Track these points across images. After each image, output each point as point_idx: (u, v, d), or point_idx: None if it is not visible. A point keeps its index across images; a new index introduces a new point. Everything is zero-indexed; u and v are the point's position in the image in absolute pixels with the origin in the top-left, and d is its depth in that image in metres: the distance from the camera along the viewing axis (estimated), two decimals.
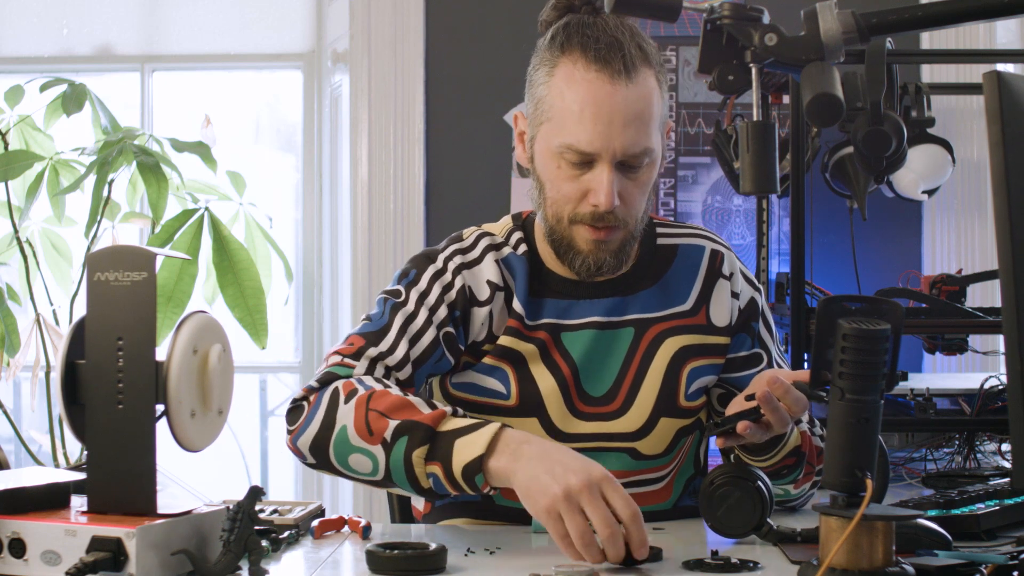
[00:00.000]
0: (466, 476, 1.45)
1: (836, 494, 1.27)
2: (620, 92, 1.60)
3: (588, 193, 1.64)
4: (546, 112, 1.65)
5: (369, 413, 1.52)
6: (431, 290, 1.71)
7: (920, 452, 2.28)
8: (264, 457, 4.30)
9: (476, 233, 1.78)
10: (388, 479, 1.51)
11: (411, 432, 1.48)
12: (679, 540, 1.58)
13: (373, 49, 3.63)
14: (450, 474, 1.46)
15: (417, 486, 1.50)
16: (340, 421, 1.53)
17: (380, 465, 1.51)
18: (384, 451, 1.50)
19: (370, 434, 1.50)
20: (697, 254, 1.79)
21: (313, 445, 1.56)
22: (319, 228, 3.94)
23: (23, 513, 1.29)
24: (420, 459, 1.47)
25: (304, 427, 1.57)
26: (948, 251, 3.52)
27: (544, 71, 1.67)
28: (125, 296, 1.31)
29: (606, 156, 1.61)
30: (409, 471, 1.48)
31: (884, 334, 1.25)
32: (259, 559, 1.32)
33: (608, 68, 1.60)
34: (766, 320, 1.82)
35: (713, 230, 1.89)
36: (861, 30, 1.45)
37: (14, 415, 3.68)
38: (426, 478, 1.48)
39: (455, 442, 1.46)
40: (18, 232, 3.30)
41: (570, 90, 1.62)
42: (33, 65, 3.93)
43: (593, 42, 1.62)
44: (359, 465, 1.53)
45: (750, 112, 1.48)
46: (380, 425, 1.50)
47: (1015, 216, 1.27)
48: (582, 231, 1.67)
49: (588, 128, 1.61)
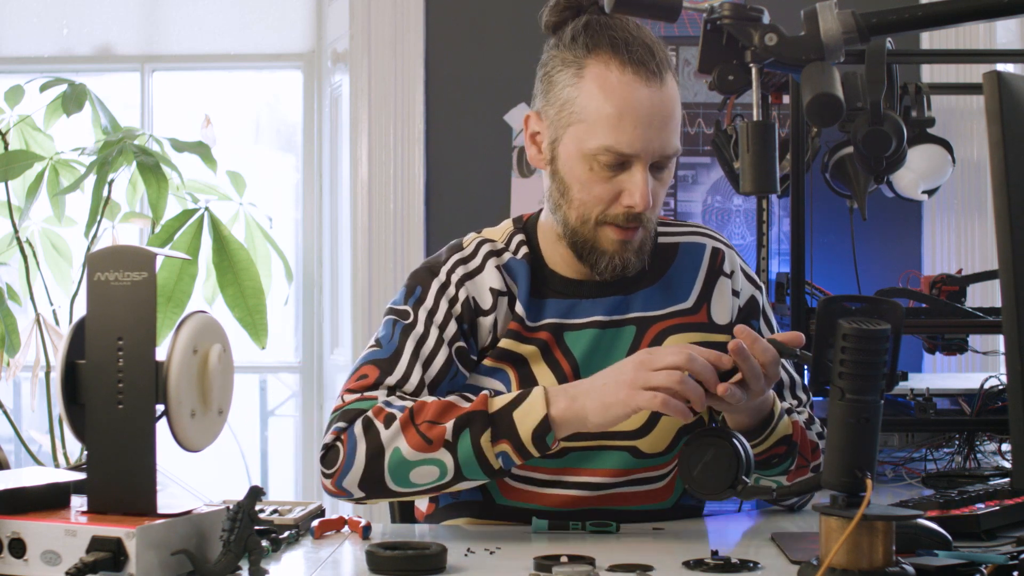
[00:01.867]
0: (536, 440, 1.54)
1: (836, 494, 1.27)
2: (656, 94, 1.62)
3: (622, 194, 1.65)
4: (577, 114, 1.65)
5: (420, 426, 1.56)
6: (438, 307, 1.71)
7: (920, 452, 2.28)
8: (264, 457, 4.30)
9: (476, 241, 1.78)
10: (458, 476, 1.56)
11: (470, 424, 1.54)
12: (679, 540, 1.58)
13: (373, 49, 3.63)
14: (520, 445, 1.54)
15: (489, 470, 1.56)
16: (389, 446, 1.57)
17: (449, 467, 1.56)
18: (450, 452, 1.55)
19: (429, 444, 1.55)
20: (698, 252, 1.80)
21: (364, 479, 1.58)
22: (319, 228, 3.94)
23: (23, 513, 1.29)
24: (488, 443, 1.54)
25: (347, 467, 1.59)
26: (948, 251, 3.53)
27: (570, 72, 1.66)
28: (125, 296, 1.31)
29: (644, 158, 1.63)
30: (481, 459, 1.55)
31: (884, 334, 1.25)
32: (259, 559, 1.32)
33: (643, 70, 1.62)
34: (767, 317, 1.83)
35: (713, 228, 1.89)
36: (861, 30, 1.45)
37: (14, 415, 3.68)
38: (496, 459, 1.55)
39: (513, 415, 1.55)
40: (18, 232, 3.30)
41: (604, 93, 1.62)
42: (33, 65, 3.93)
43: (623, 44, 1.63)
44: (423, 476, 1.57)
45: (750, 112, 1.48)
46: (436, 432, 1.55)
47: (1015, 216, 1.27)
48: (608, 232, 1.68)
49: (628, 131, 1.62)
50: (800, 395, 1.81)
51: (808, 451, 1.70)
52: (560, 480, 1.71)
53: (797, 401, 1.80)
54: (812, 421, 1.77)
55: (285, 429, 4.20)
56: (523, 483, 1.72)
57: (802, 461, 1.69)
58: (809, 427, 1.73)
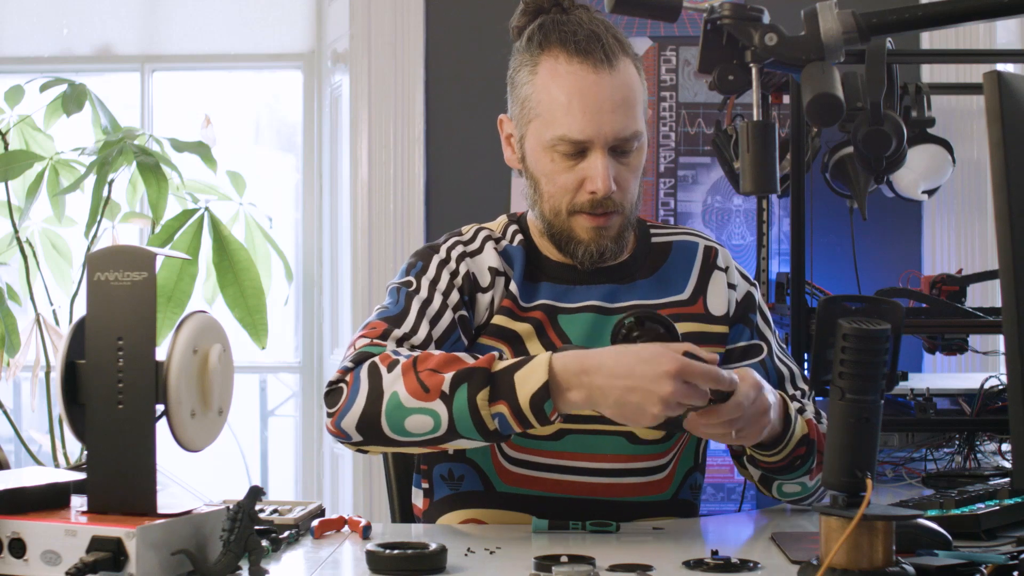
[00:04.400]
0: (535, 407, 1.47)
1: (836, 494, 1.27)
2: (605, 80, 1.65)
3: (584, 181, 1.68)
4: (533, 109, 1.70)
5: (420, 374, 1.51)
6: (440, 277, 1.74)
7: (920, 452, 2.28)
8: (264, 457, 4.31)
9: (474, 228, 1.82)
10: (451, 431, 1.50)
11: (469, 379, 1.48)
12: (679, 540, 1.58)
13: (373, 49, 3.63)
14: (517, 409, 1.47)
15: (483, 430, 1.49)
16: (388, 390, 1.52)
17: (443, 419, 1.49)
18: (445, 404, 1.49)
19: (426, 391, 1.50)
20: (691, 249, 1.83)
21: (361, 421, 1.53)
22: (319, 228, 3.94)
23: (23, 513, 1.29)
24: (484, 401, 1.48)
25: (348, 406, 1.55)
26: (948, 251, 3.53)
27: (526, 71, 1.71)
28: (125, 296, 1.31)
29: (599, 142, 1.66)
30: (475, 415, 1.48)
31: (884, 334, 1.25)
32: (259, 559, 1.32)
33: (590, 58, 1.65)
34: (763, 314, 1.84)
35: (712, 231, 1.90)
36: (861, 30, 1.45)
37: (14, 415, 3.68)
38: (492, 419, 1.48)
39: (514, 377, 1.48)
40: (18, 232, 3.30)
41: (555, 84, 1.66)
42: (33, 65, 3.93)
43: (572, 36, 1.67)
44: (418, 426, 1.51)
45: (750, 112, 1.48)
46: (435, 381, 1.50)
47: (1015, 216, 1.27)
48: (581, 220, 1.71)
49: (578, 117, 1.65)
50: (801, 385, 1.82)
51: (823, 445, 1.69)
52: (558, 464, 1.71)
53: (800, 392, 1.81)
54: (819, 415, 1.78)
55: (285, 429, 4.20)
56: (522, 467, 1.72)
57: (821, 457, 1.68)
58: (819, 421, 1.74)
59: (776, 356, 1.82)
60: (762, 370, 1.78)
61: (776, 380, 1.80)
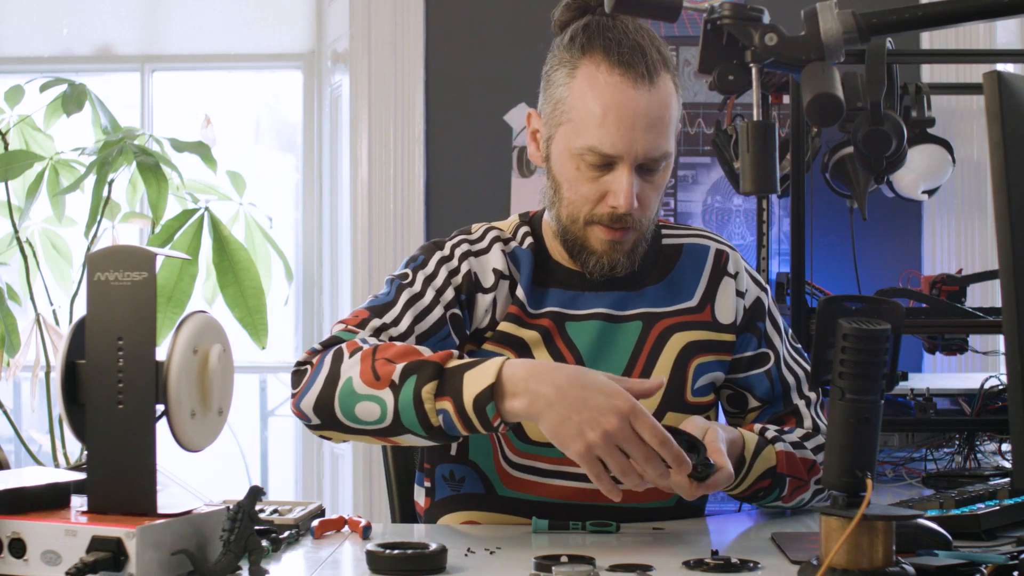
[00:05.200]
0: (477, 408, 1.43)
1: (836, 494, 1.27)
2: (643, 96, 1.62)
3: (607, 195, 1.66)
4: (566, 113, 1.66)
5: (376, 362, 1.50)
6: (438, 273, 1.72)
7: (920, 452, 2.28)
8: (264, 457, 4.30)
9: (484, 227, 1.80)
10: (397, 423, 1.47)
11: (419, 371, 1.46)
12: (679, 540, 1.58)
13: (373, 49, 3.63)
14: (461, 408, 1.44)
15: (427, 425, 1.46)
16: (345, 374, 1.51)
17: (388, 409, 1.47)
18: (392, 393, 1.47)
19: (376, 379, 1.48)
20: (702, 252, 1.81)
21: (317, 403, 1.53)
22: (319, 228, 3.94)
23: (23, 513, 1.29)
24: (430, 395, 1.45)
25: (308, 387, 1.54)
26: (948, 251, 3.53)
27: (564, 72, 1.67)
28: (125, 296, 1.31)
29: (627, 159, 1.63)
30: (419, 408, 1.45)
31: (884, 334, 1.25)
32: (259, 559, 1.32)
33: (631, 72, 1.62)
34: (773, 318, 1.82)
35: (713, 230, 1.89)
36: (861, 30, 1.45)
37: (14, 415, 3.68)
38: (436, 415, 1.45)
39: (464, 375, 1.44)
40: (18, 232, 3.30)
41: (592, 93, 1.63)
42: (33, 65, 3.93)
43: (616, 45, 1.63)
44: (366, 414, 1.49)
45: (750, 112, 1.48)
46: (387, 370, 1.48)
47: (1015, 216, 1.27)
48: (597, 231, 1.69)
49: (611, 131, 1.62)
50: (807, 393, 1.81)
51: (803, 471, 1.70)
52: (562, 471, 1.71)
53: (804, 401, 1.80)
54: (814, 432, 1.77)
55: (285, 429, 4.20)
56: (525, 473, 1.72)
57: (797, 483, 1.70)
58: (805, 444, 1.73)
59: (784, 363, 1.80)
60: (767, 381, 1.78)
61: (781, 391, 1.79)
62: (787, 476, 1.68)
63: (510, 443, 1.72)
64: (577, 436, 1.40)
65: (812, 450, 1.72)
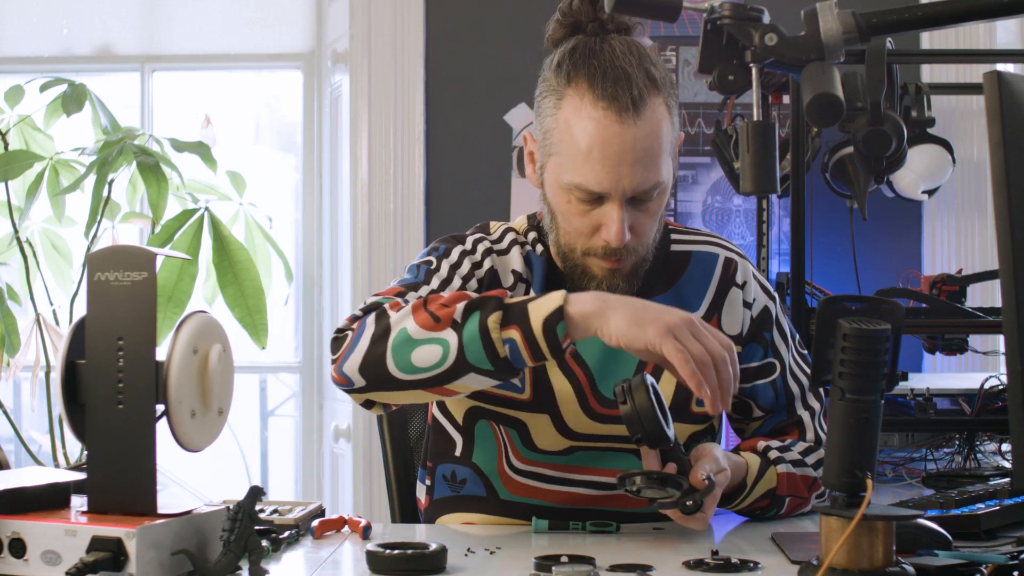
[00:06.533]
0: (547, 330, 1.44)
1: (836, 494, 1.27)
2: (629, 131, 1.57)
3: (600, 228, 1.63)
4: (554, 145, 1.63)
5: (431, 307, 1.49)
6: (462, 263, 1.70)
7: (920, 452, 2.29)
8: (264, 457, 4.30)
9: (503, 227, 1.78)
10: (461, 361, 1.46)
11: (482, 306, 1.47)
12: (679, 540, 1.58)
13: (373, 49, 3.63)
14: (529, 334, 1.44)
15: (494, 356, 1.46)
16: (396, 327, 1.50)
17: (452, 347, 1.46)
18: (455, 332, 1.46)
19: (436, 321, 1.47)
20: (710, 261, 1.79)
21: (364, 362, 1.51)
22: (319, 228, 3.94)
23: (23, 513, 1.29)
24: (496, 325, 1.45)
25: (351, 349, 1.52)
26: (948, 251, 3.53)
27: (551, 101, 1.63)
28: (125, 296, 1.31)
29: (616, 195, 1.60)
30: (486, 339, 1.45)
31: (884, 334, 1.25)
32: (259, 559, 1.32)
33: (616, 104, 1.57)
34: (780, 327, 1.80)
35: (714, 231, 1.88)
36: (861, 30, 1.45)
37: (14, 415, 3.68)
38: (503, 345, 1.45)
39: (528, 305, 1.46)
40: (18, 232, 3.30)
41: (578, 127, 1.59)
42: (33, 65, 3.92)
43: (600, 75, 1.58)
44: (425, 358, 1.48)
45: (750, 112, 1.48)
46: (446, 312, 1.48)
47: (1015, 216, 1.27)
48: (595, 261, 1.67)
49: (597, 168, 1.58)
50: (811, 403, 1.79)
51: (803, 489, 1.71)
52: (566, 478, 1.71)
53: (809, 412, 1.78)
54: (816, 445, 1.76)
55: (285, 429, 4.20)
56: (529, 478, 1.72)
57: (796, 501, 1.71)
58: (806, 460, 1.72)
59: (789, 373, 1.79)
60: (771, 391, 1.77)
61: (785, 401, 1.78)
62: (787, 496, 1.70)
63: (516, 450, 1.71)
64: (655, 321, 1.43)
65: (813, 465, 1.72)
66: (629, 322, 1.44)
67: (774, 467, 1.69)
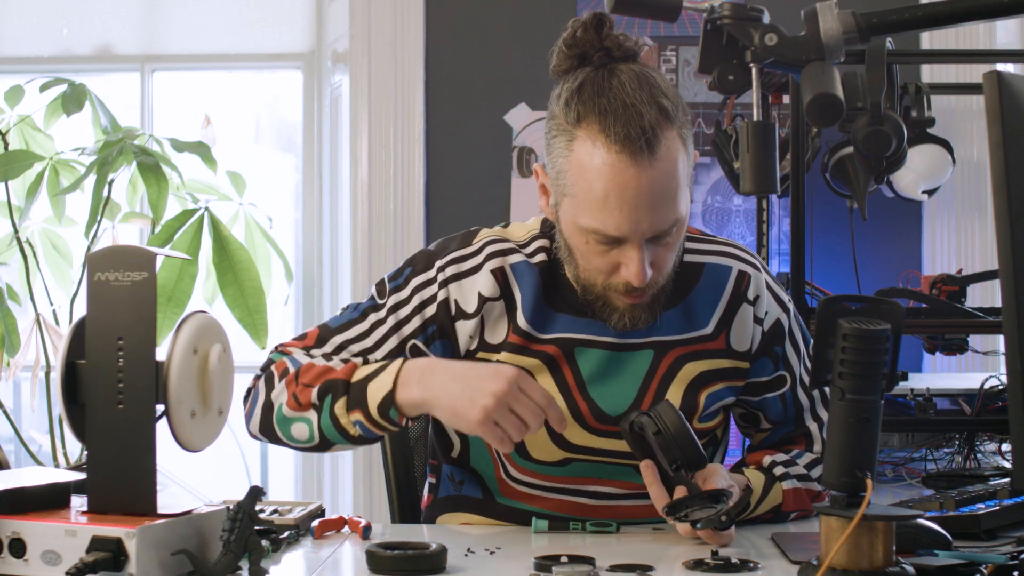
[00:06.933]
0: (382, 414, 1.56)
1: (836, 494, 1.27)
2: (645, 174, 1.52)
3: (619, 267, 1.59)
4: (568, 188, 1.58)
5: (297, 388, 1.62)
6: (411, 299, 1.69)
7: (920, 452, 2.29)
8: (264, 457, 4.30)
9: (485, 240, 1.72)
10: (324, 439, 1.61)
11: (332, 390, 1.58)
12: (679, 540, 1.58)
13: (373, 49, 3.63)
14: (370, 417, 1.57)
15: (348, 436, 1.60)
16: (276, 401, 1.64)
17: (315, 428, 1.60)
18: (316, 414, 1.60)
19: (299, 405, 1.61)
20: (723, 275, 1.73)
21: (261, 427, 1.67)
22: (319, 228, 3.94)
23: (23, 513, 1.29)
24: (343, 410, 1.57)
25: (251, 412, 1.68)
26: (948, 251, 3.53)
27: (562, 141, 1.57)
28: (125, 296, 1.31)
29: (635, 238, 1.56)
30: (337, 425, 1.59)
31: (884, 334, 1.25)
32: (259, 559, 1.32)
33: (629, 147, 1.51)
34: (793, 339, 1.77)
35: (714, 232, 1.86)
36: (861, 30, 1.45)
37: (14, 415, 3.68)
38: (353, 427, 1.58)
39: (367, 387, 1.57)
40: (18, 232, 3.30)
41: (592, 172, 1.54)
42: (33, 65, 3.92)
43: (612, 115, 1.52)
44: (300, 433, 1.63)
45: (750, 112, 1.48)
46: (306, 395, 1.60)
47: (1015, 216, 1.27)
48: (616, 296, 1.63)
49: (614, 215, 1.53)
50: (821, 415, 1.78)
51: (808, 503, 1.71)
52: (565, 488, 1.70)
53: (818, 423, 1.77)
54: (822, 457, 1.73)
55: None
56: (526, 487, 1.71)
57: (801, 514, 1.71)
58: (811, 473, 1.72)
59: (800, 383, 1.76)
60: (780, 404, 1.76)
61: (794, 413, 1.77)
62: (791, 512, 1.70)
63: (512, 460, 1.70)
64: (471, 406, 1.50)
65: (819, 479, 1.72)
66: (451, 411, 1.53)
67: (779, 483, 1.68)
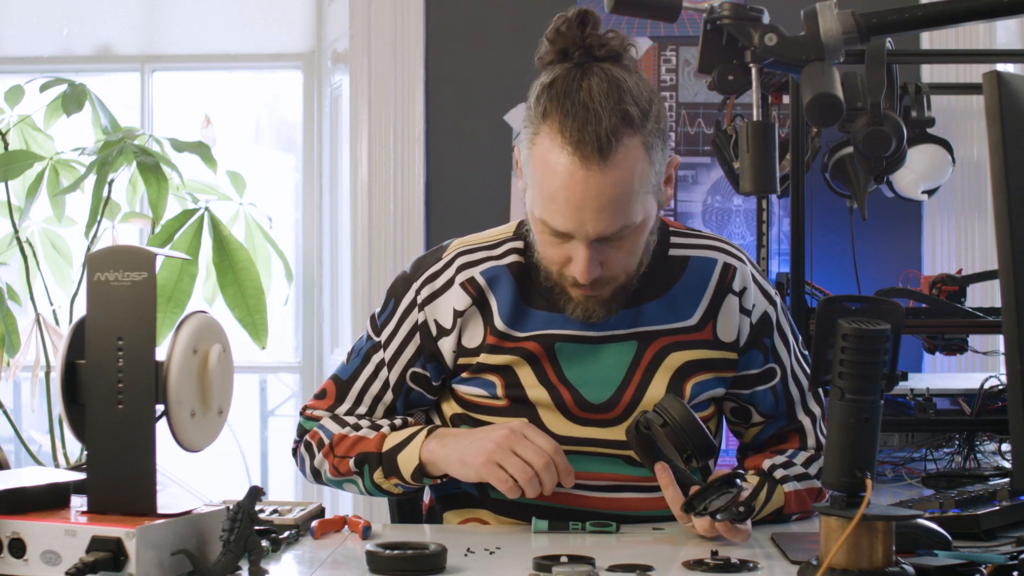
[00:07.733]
0: (416, 480, 1.69)
1: (836, 494, 1.27)
2: (593, 177, 1.54)
3: (569, 261, 1.62)
4: (529, 177, 1.63)
5: (335, 460, 1.75)
6: (400, 329, 1.77)
7: (920, 452, 2.29)
8: (264, 457, 4.30)
9: (456, 251, 1.76)
10: (373, 495, 1.76)
11: (367, 461, 1.72)
12: (679, 540, 1.58)
13: (373, 49, 3.63)
14: (406, 483, 1.70)
15: (394, 494, 1.74)
16: (321, 468, 1.79)
17: (362, 487, 1.75)
18: (359, 478, 1.74)
19: (340, 474, 1.76)
20: (708, 268, 1.74)
21: (316, 482, 1.83)
22: (319, 228, 3.94)
23: (23, 513, 1.29)
24: (382, 479, 1.71)
25: (303, 471, 1.84)
26: (948, 251, 3.53)
27: (529, 133, 1.61)
28: (125, 296, 1.31)
29: (580, 237, 1.59)
30: (380, 490, 1.73)
31: (884, 334, 1.25)
32: (259, 559, 1.32)
33: (581, 149, 1.53)
34: (782, 331, 1.77)
35: (714, 231, 1.87)
36: (861, 30, 1.46)
37: (14, 415, 3.68)
38: (395, 488, 1.72)
39: (397, 459, 1.69)
40: (18, 232, 3.30)
41: (545, 168, 1.57)
42: (33, 65, 3.92)
43: (572, 115, 1.54)
44: (351, 490, 1.78)
45: (750, 112, 1.48)
46: (345, 465, 1.74)
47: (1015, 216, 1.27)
48: (570, 287, 1.66)
49: (560, 211, 1.57)
50: (812, 408, 1.78)
51: (809, 503, 1.72)
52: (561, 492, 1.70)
53: (810, 418, 1.78)
54: (818, 453, 1.75)
55: (285, 429, 4.20)
56: None
57: (803, 515, 1.72)
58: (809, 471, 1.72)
59: (790, 377, 1.77)
60: (771, 396, 1.76)
61: (785, 407, 1.77)
62: (793, 514, 1.71)
63: None
64: (476, 453, 1.61)
65: (817, 476, 1.72)
66: (460, 462, 1.64)
67: (781, 486, 1.69)
